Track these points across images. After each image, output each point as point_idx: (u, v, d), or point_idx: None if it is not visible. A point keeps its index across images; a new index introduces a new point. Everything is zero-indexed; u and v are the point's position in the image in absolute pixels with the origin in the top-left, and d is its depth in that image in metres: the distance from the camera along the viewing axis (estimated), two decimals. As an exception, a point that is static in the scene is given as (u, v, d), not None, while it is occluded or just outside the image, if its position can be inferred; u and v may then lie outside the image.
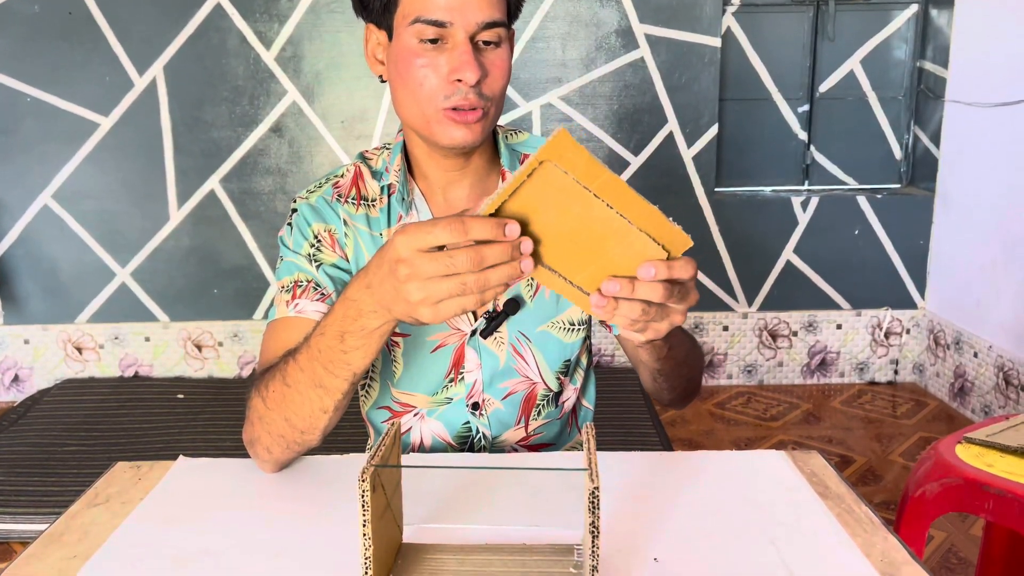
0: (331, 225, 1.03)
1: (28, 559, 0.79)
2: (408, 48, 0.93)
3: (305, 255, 1.03)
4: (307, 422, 0.88)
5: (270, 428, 0.90)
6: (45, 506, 2.07)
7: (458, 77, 0.91)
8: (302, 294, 1.00)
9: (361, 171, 1.06)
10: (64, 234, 2.89)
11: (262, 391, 0.90)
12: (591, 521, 0.66)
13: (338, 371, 0.84)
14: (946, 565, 1.94)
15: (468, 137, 0.95)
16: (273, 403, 0.89)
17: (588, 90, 2.86)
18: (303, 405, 0.87)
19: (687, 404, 1.10)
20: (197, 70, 2.80)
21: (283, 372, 0.88)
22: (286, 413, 0.88)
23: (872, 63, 3.01)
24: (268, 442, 0.91)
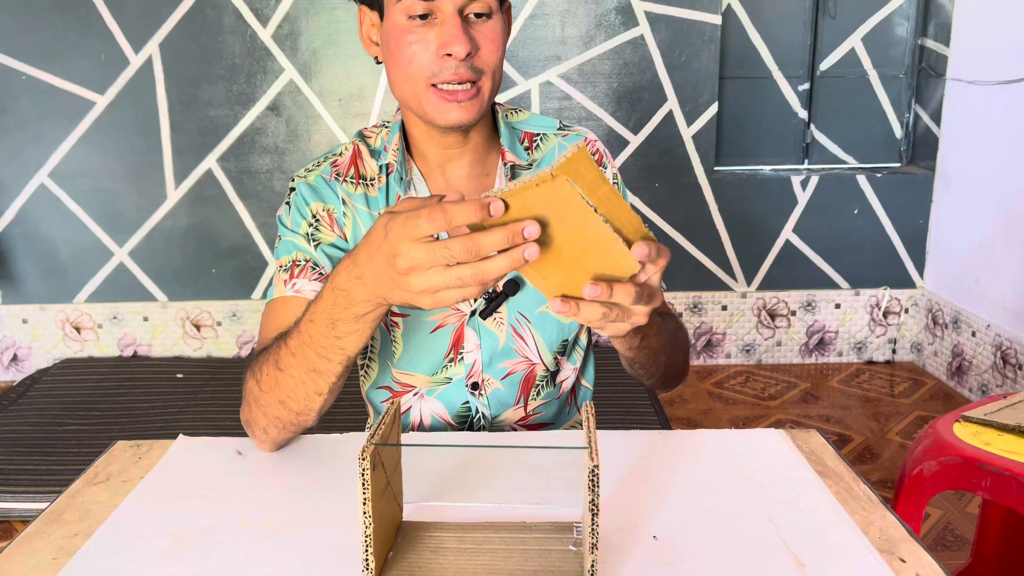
0: (329, 205, 1.03)
1: (29, 537, 0.79)
2: (398, 26, 0.93)
3: (303, 234, 1.02)
4: (302, 404, 0.88)
5: (266, 410, 0.90)
6: (45, 485, 2.08)
7: (447, 51, 0.91)
8: (300, 273, 1.00)
9: (360, 149, 1.06)
10: (61, 213, 2.88)
11: (256, 374, 0.90)
12: (590, 499, 0.66)
13: (332, 356, 0.83)
14: (942, 542, 1.96)
15: (462, 116, 0.94)
16: (267, 387, 0.89)
17: (587, 68, 2.84)
18: (297, 389, 0.87)
19: (671, 389, 1.10)
20: (193, 48, 2.78)
21: (276, 357, 0.87)
22: (280, 396, 0.88)
23: (873, 41, 2.99)
24: (264, 423, 0.91)
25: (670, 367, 1.03)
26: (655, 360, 0.97)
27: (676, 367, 1.05)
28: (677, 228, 2.97)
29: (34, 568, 0.74)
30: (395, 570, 0.71)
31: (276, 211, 2.98)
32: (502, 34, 0.95)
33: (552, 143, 1.08)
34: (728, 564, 0.74)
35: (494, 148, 1.06)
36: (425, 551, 0.74)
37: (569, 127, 1.10)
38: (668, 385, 1.08)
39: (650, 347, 0.93)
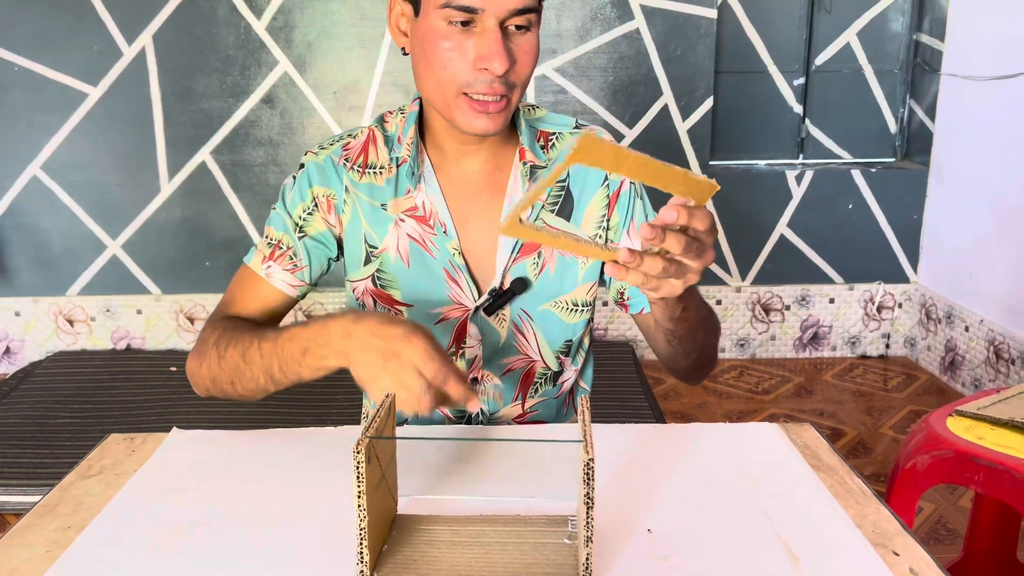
0: (331, 190, 1.03)
1: (22, 530, 0.79)
2: (435, 29, 0.90)
3: (295, 220, 1.03)
4: (248, 393, 0.97)
5: (216, 380, 0.99)
6: (38, 478, 2.07)
7: (485, 66, 0.89)
8: (278, 258, 1.03)
9: (375, 135, 1.05)
10: (54, 205, 2.87)
11: (220, 349, 0.97)
12: (585, 492, 0.66)
13: (288, 375, 0.92)
14: (935, 536, 1.97)
15: (489, 126, 0.93)
16: (226, 366, 0.96)
17: (583, 61, 2.84)
18: (250, 382, 0.95)
19: (702, 376, 1.09)
20: (187, 39, 2.77)
21: (244, 349, 0.94)
22: (234, 379, 0.96)
23: (868, 35, 3.00)
24: (208, 385, 1.01)
25: (706, 346, 1.02)
26: (693, 336, 0.96)
27: (709, 349, 1.04)
28: (672, 222, 2.97)
29: (27, 561, 0.74)
30: (390, 563, 0.71)
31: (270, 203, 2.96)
32: (537, 46, 0.94)
33: (568, 141, 1.06)
34: (722, 557, 0.74)
35: (510, 144, 1.05)
36: (420, 544, 0.74)
37: (585, 125, 1.09)
38: (701, 370, 1.07)
39: (690, 320, 0.92)
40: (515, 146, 1.05)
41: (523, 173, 1.03)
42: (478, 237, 1.03)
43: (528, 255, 1.04)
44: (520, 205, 0.67)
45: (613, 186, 1.07)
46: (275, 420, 2.34)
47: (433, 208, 1.02)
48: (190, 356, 1.01)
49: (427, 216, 1.02)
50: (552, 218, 1.05)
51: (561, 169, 0.65)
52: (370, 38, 2.79)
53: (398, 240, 1.03)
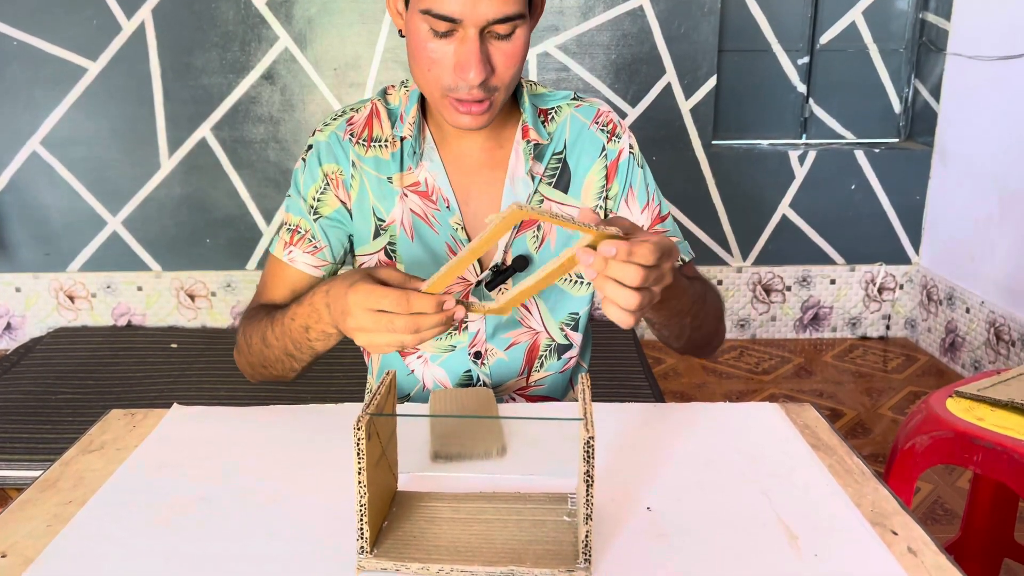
0: (339, 166, 1.04)
1: (23, 505, 0.79)
2: (418, 31, 0.90)
3: (309, 203, 1.04)
4: (281, 373, 1.03)
5: (253, 367, 1.05)
6: (39, 453, 2.08)
7: (459, 73, 0.89)
8: (298, 242, 1.05)
9: (378, 109, 1.05)
10: (54, 181, 2.86)
11: (248, 338, 1.03)
12: (585, 470, 0.66)
13: (304, 351, 0.97)
14: (932, 516, 1.98)
15: (473, 124, 0.94)
16: (255, 353, 1.02)
17: (585, 39, 2.81)
18: (277, 363, 1.01)
19: (705, 354, 1.10)
20: (186, 14, 2.74)
21: (263, 334, 0.99)
22: (264, 363, 1.02)
23: (874, 14, 2.97)
24: (251, 373, 1.07)
25: (697, 329, 1.01)
26: (679, 322, 0.96)
27: (705, 330, 1.04)
28: (674, 202, 2.96)
29: (28, 535, 0.75)
30: (390, 539, 0.72)
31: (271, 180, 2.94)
32: (523, 48, 0.92)
33: (565, 113, 1.06)
34: (721, 536, 0.74)
35: (511, 121, 1.05)
36: (420, 521, 0.74)
37: (582, 98, 1.08)
38: (700, 350, 1.08)
39: (670, 308, 0.92)
40: (516, 123, 1.05)
41: (525, 150, 1.03)
42: (479, 213, 1.04)
43: (527, 229, 1.05)
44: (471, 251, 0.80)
45: (611, 155, 1.06)
46: (276, 397, 2.35)
47: (435, 184, 1.02)
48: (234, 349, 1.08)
49: (430, 192, 1.03)
50: (550, 191, 1.05)
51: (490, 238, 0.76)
52: (371, 14, 2.77)
53: (403, 214, 1.03)
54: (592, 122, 1.06)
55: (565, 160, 1.06)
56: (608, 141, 1.06)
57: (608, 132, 1.06)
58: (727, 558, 0.71)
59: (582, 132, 1.06)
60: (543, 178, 1.04)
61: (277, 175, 2.89)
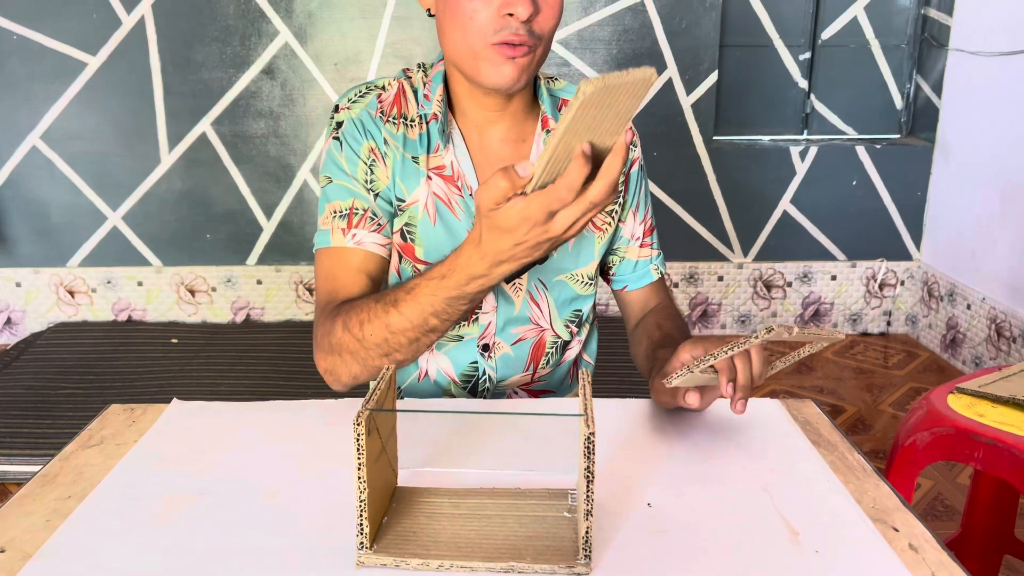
0: (374, 142, 1.02)
1: (23, 499, 0.79)
2: None
3: (362, 181, 1.01)
4: (408, 357, 0.93)
5: (365, 363, 0.94)
6: (39, 448, 2.08)
7: (509, 11, 0.90)
8: (359, 223, 1.00)
9: (404, 89, 1.04)
10: (54, 176, 2.86)
11: (356, 332, 0.92)
12: (586, 466, 0.66)
13: (454, 313, 0.88)
14: (933, 512, 1.98)
15: (513, 74, 0.93)
16: (372, 344, 0.92)
17: (587, 34, 2.81)
18: (406, 347, 0.91)
19: None
20: (186, 9, 2.74)
21: (385, 321, 0.90)
22: (387, 352, 0.92)
23: (876, 10, 2.96)
24: (358, 371, 0.95)
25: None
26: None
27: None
28: (675, 197, 2.96)
29: (27, 530, 0.74)
30: (390, 535, 0.71)
31: (271, 175, 2.93)
32: (562, 1, 0.95)
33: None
34: (722, 532, 0.74)
35: (532, 115, 1.05)
36: (420, 516, 0.74)
37: None
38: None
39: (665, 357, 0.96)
40: (536, 117, 1.06)
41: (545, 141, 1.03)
42: None
43: None
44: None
45: (627, 163, 1.08)
46: (275, 392, 2.35)
47: (461, 170, 1.02)
48: (318, 357, 0.98)
49: (455, 177, 1.02)
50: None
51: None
52: (371, 8, 2.76)
53: (427, 196, 1.02)
54: None
55: None
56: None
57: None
58: (728, 554, 0.71)
59: None
60: None
61: (277, 170, 2.89)
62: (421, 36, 2.79)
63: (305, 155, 2.88)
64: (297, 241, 2.96)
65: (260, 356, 2.68)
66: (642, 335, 1.10)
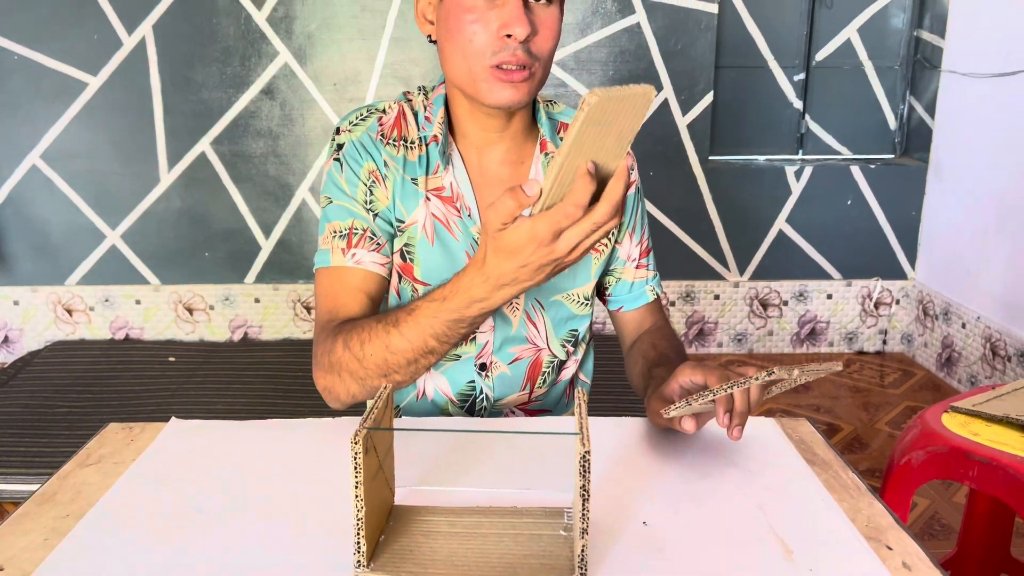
0: (375, 164, 1.03)
1: (20, 518, 0.80)
2: (460, 4, 0.93)
3: (361, 201, 1.03)
4: (406, 378, 0.94)
5: (363, 382, 0.95)
6: (36, 467, 2.08)
7: (507, 32, 0.92)
8: (358, 243, 1.02)
9: (404, 112, 1.06)
10: (53, 195, 2.87)
11: (356, 351, 0.93)
12: (581, 485, 0.66)
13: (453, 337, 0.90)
14: (929, 531, 1.97)
15: (514, 96, 0.95)
16: (372, 364, 0.93)
17: (583, 55, 2.83)
18: (404, 369, 0.93)
19: None
20: (187, 30, 2.76)
21: (385, 341, 0.91)
22: (386, 372, 0.93)
23: (869, 31, 2.99)
24: (356, 390, 0.96)
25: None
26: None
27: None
28: (671, 217, 2.97)
29: (25, 549, 0.75)
30: (386, 554, 0.72)
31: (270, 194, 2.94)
32: (559, 21, 0.97)
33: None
34: (717, 550, 0.74)
35: (531, 137, 1.07)
36: (417, 535, 0.74)
37: None
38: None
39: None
40: (535, 140, 1.07)
41: (544, 165, 1.06)
42: None
43: None
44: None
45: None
46: (273, 411, 2.35)
47: (460, 191, 1.03)
48: (317, 375, 0.98)
49: (454, 198, 1.04)
50: None
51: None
52: (370, 30, 2.79)
53: (426, 217, 1.04)
54: None
55: None
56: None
57: None
58: (723, 572, 0.71)
59: None
60: None
61: (276, 189, 2.90)
62: (419, 57, 2.81)
63: (304, 174, 2.89)
64: (295, 260, 2.97)
65: (258, 374, 2.68)
66: (638, 355, 1.11)
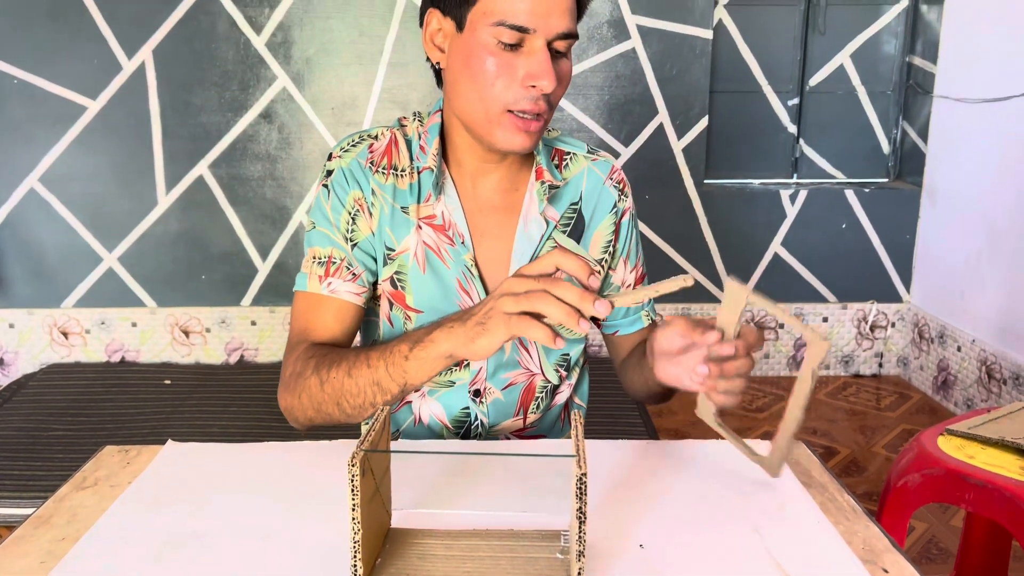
0: (362, 192, 1.03)
1: (16, 541, 0.79)
2: (484, 45, 0.92)
3: (342, 232, 1.03)
4: (355, 411, 0.96)
5: (319, 406, 0.97)
6: (31, 490, 2.06)
7: (534, 83, 0.92)
8: (335, 272, 1.02)
9: (396, 139, 1.06)
10: (51, 218, 2.87)
11: (322, 374, 0.96)
12: (578, 507, 0.66)
13: (395, 377, 0.91)
14: (927, 555, 1.97)
15: (526, 143, 0.96)
16: (330, 389, 0.95)
17: (579, 80, 2.86)
18: (356, 397, 0.94)
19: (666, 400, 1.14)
20: (187, 54, 2.79)
21: (350, 367, 0.94)
22: (339, 399, 0.95)
23: (862, 57, 3.03)
24: (312, 415, 0.98)
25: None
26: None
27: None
28: (666, 240, 2.99)
29: (21, 572, 0.74)
30: (383, 576, 0.72)
31: (267, 217, 2.96)
32: (571, 72, 0.98)
33: (582, 165, 1.10)
34: (713, 573, 0.74)
35: (525, 166, 1.07)
36: (413, 558, 0.74)
37: (596, 151, 1.13)
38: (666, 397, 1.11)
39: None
40: (530, 167, 1.07)
41: (539, 191, 1.05)
42: (491, 254, 1.05)
43: None
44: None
45: (620, 212, 1.11)
46: (269, 434, 2.34)
47: (452, 219, 1.04)
48: (282, 393, 1.00)
49: (445, 226, 1.04)
50: (564, 238, 1.07)
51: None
52: (368, 55, 2.81)
53: (417, 245, 1.04)
54: (607, 178, 1.11)
55: (580, 211, 1.09)
56: (619, 198, 1.11)
57: (619, 190, 1.11)
58: (719, 595, 0.71)
59: (598, 187, 1.10)
60: (558, 225, 1.07)
61: (273, 212, 2.91)
62: (417, 83, 2.84)
63: (301, 197, 2.91)
64: (292, 282, 2.95)
65: (254, 397, 2.67)
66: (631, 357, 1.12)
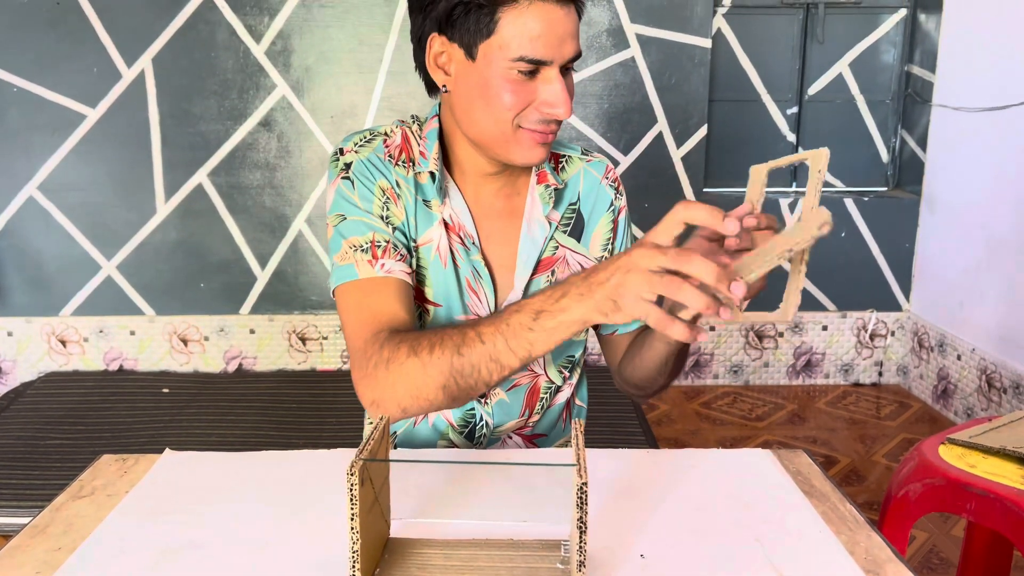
0: (388, 182, 1.02)
1: (12, 551, 0.79)
2: (502, 75, 0.93)
3: (378, 215, 1.01)
4: (467, 390, 0.89)
5: (419, 391, 0.90)
6: (28, 499, 2.05)
7: (551, 110, 0.95)
8: (383, 254, 0.99)
9: (407, 135, 1.06)
10: (49, 226, 2.87)
11: (423, 356, 0.88)
12: (579, 517, 0.66)
13: (517, 350, 0.85)
14: (928, 565, 1.96)
15: (543, 155, 0.98)
16: (435, 371, 0.88)
17: (579, 89, 2.86)
18: (470, 376, 0.88)
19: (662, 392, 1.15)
20: (186, 63, 2.79)
21: (457, 344, 0.87)
22: (447, 381, 0.88)
23: (860, 66, 3.03)
24: (408, 403, 0.90)
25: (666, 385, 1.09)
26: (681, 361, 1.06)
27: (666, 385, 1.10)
28: (666, 249, 2.98)
29: (17, 582, 0.74)
30: (382, 586, 0.71)
31: (266, 225, 2.95)
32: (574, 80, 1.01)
33: (577, 166, 1.12)
34: (715, 583, 0.74)
35: (525, 170, 1.08)
36: (412, 568, 0.74)
37: (590, 153, 1.15)
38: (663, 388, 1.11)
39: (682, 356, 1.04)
40: (529, 171, 1.09)
41: (542, 195, 1.07)
42: (496, 257, 1.07)
43: (543, 271, 1.08)
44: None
45: (616, 210, 1.13)
46: (268, 442, 2.34)
47: (460, 222, 1.05)
48: (367, 386, 0.92)
49: (456, 228, 1.05)
50: (565, 238, 1.10)
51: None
52: (368, 64, 2.82)
53: (440, 237, 1.04)
54: (603, 177, 1.13)
55: (579, 210, 1.11)
56: (615, 197, 1.13)
57: (615, 189, 1.14)
58: (721, 606, 0.71)
59: (596, 186, 1.12)
60: (559, 225, 1.09)
61: (272, 220, 2.91)
62: (416, 91, 2.83)
63: (300, 206, 2.91)
64: (291, 291, 2.97)
65: (252, 406, 2.66)
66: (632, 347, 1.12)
